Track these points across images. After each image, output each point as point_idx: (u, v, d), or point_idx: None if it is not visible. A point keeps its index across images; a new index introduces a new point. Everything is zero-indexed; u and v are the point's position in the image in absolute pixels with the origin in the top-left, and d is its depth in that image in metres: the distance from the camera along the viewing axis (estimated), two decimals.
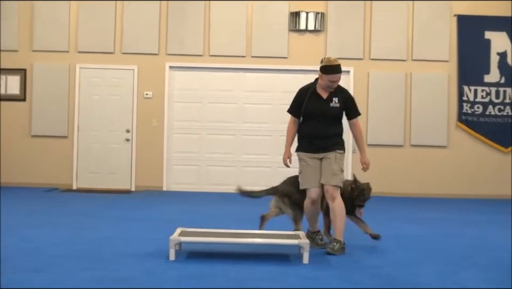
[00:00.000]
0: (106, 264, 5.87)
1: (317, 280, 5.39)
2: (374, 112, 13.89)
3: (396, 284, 5.28)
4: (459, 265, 6.14)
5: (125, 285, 5.02)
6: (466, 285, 5.32)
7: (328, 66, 6.97)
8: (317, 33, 13.90)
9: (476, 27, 13.95)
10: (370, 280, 5.42)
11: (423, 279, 5.49)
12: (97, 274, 5.37)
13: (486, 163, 13.92)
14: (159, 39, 13.89)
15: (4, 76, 13.91)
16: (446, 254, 6.85)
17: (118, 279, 5.23)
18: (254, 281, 5.26)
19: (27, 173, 13.89)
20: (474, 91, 13.92)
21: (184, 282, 5.16)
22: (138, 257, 6.20)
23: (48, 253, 6.35)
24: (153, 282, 5.14)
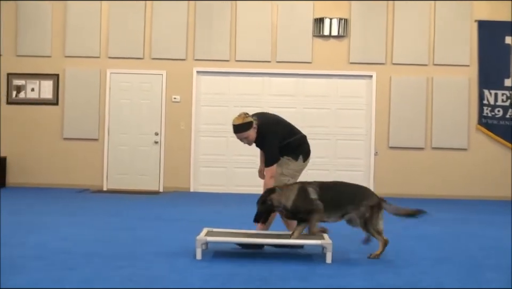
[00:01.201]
0: (137, 262, 5.92)
1: (342, 279, 5.40)
2: (396, 116, 13.85)
3: (419, 284, 5.28)
4: (482, 266, 6.11)
5: (155, 283, 5.07)
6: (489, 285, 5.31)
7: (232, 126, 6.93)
8: (340, 39, 13.89)
9: (496, 32, 13.87)
10: (394, 280, 5.42)
11: (446, 279, 5.48)
12: (128, 272, 5.42)
13: (506, 166, 13.80)
14: (187, 44, 13.95)
15: (37, 81, 14.03)
16: (468, 254, 6.82)
17: (147, 277, 5.28)
18: (280, 280, 5.29)
19: (59, 174, 13.98)
20: (494, 95, 13.84)
21: (211, 281, 5.19)
22: (166, 256, 6.25)
23: (81, 252, 6.41)
24: (181, 281, 5.17)
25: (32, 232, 7.69)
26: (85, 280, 5.09)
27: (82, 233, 7.76)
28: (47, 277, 5.17)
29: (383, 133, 13.91)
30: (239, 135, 6.87)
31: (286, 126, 7.18)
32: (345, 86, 14.01)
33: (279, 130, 6.99)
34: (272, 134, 6.88)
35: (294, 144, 7.01)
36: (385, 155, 13.90)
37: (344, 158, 14.00)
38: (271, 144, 6.86)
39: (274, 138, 6.87)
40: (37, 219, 8.95)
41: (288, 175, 6.93)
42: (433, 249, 7.13)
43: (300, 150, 7.05)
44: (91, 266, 5.67)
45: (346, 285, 5.19)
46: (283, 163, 6.94)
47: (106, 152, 14.04)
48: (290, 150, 6.97)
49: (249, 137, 6.84)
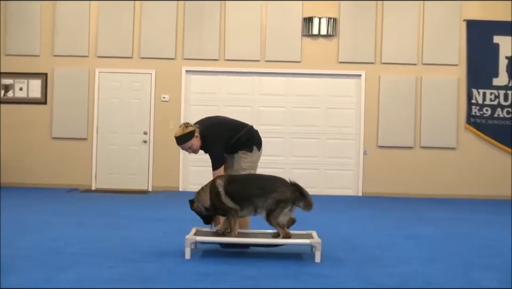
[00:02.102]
0: (127, 262, 5.94)
1: (332, 278, 5.43)
2: (385, 115, 13.89)
3: (410, 283, 5.31)
4: (473, 265, 6.14)
5: (145, 283, 5.09)
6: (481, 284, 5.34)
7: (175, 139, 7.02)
8: (329, 38, 13.91)
9: (485, 32, 13.92)
10: (384, 279, 5.45)
11: (437, 278, 5.52)
12: (119, 272, 5.44)
13: (494, 165, 13.88)
14: (176, 44, 13.95)
15: (26, 80, 14.00)
16: (459, 254, 6.84)
17: (137, 277, 5.30)
18: (270, 279, 5.31)
19: (48, 174, 13.96)
20: (483, 94, 13.90)
21: (200, 281, 5.21)
22: (156, 256, 6.26)
23: (71, 252, 6.43)
24: (171, 281, 5.20)
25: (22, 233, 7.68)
26: (75, 280, 5.10)
27: (72, 233, 7.76)
28: (38, 277, 5.19)
29: (372, 132, 13.95)
30: (182, 146, 6.97)
31: (230, 125, 7.26)
32: (335, 85, 14.03)
33: (223, 131, 7.07)
34: (216, 137, 6.98)
35: (244, 138, 7.07)
36: (374, 155, 13.95)
37: (333, 157, 14.04)
38: (215, 147, 6.99)
39: (219, 141, 6.97)
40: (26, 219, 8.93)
41: (247, 168, 7.02)
42: (424, 249, 7.15)
43: (251, 142, 7.10)
44: (82, 266, 5.68)
45: (336, 284, 5.22)
46: (240, 158, 7.03)
47: (95, 152, 14.02)
48: (242, 144, 7.06)
49: (193, 146, 6.97)
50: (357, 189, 13.99)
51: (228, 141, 6.98)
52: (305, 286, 5.10)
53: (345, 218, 9.88)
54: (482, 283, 5.34)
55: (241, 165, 7.01)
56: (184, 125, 6.97)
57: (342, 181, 14.05)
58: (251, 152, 7.05)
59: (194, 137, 6.86)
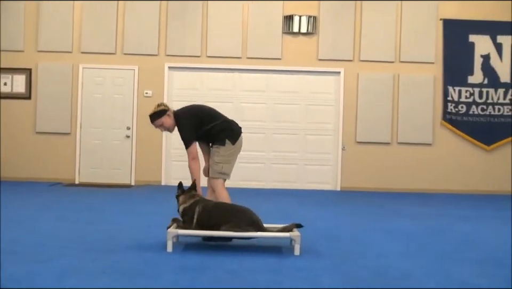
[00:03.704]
0: (109, 255, 5.91)
1: (310, 271, 5.43)
2: (363, 111, 13.94)
3: (386, 275, 5.34)
4: (449, 259, 6.16)
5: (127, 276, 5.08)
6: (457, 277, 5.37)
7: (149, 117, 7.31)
8: (309, 36, 13.94)
9: (460, 31, 13.99)
10: (361, 272, 5.47)
11: (413, 271, 5.54)
12: (102, 265, 5.42)
13: (469, 160, 13.99)
14: (159, 40, 13.91)
15: (10, 75, 13.92)
16: (435, 247, 6.87)
17: (120, 270, 5.29)
18: (249, 272, 5.30)
19: (32, 168, 13.90)
20: (458, 91, 13.98)
21: (182, 274, 5.20)
22: (138, 249, 6.25)
23: (54, 245, 6.38)
24: (152, 274, 5.19)
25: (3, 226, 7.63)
26: (59, 273, 5.08)
27: (54, 226, 7.72)
28: (20, 270, 5.15)
29: (351, 128, 13.99)
30: (154, 123, 7.21)
31: (209, 112, 7.39)
32: (314, 82, 14.05)
33: (196, 114, 7.26)
34: (186, 118, 7.15)
35: (219, 128, 7.15)
36: (353, 150, 13.99)
37: (313, 152, 14.07)
38: (184, 128, 7.09)
39: (188, 122, 7.11)
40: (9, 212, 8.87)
41: (221, 162, 7.07)
42: (401, 242, 7.19)
43: (224, 135, 7.13)
44: (65, 259, 5.65)
45: (315, 276, 5.23)
46: (213, 153, 7.12)
47: (78, 146, 13.97)
48: (214, 137, 7.17)
49: (164, 124, 7.16)
50: (335, 184, 14.03)
51: (201, 126, 7.11)
52: (285, 279, 5.11)
53: (323, 213, 9.90)
54: (457, 276, 5.37)
55: (214, 159, 7.09)
56: (157, 104, 7.29)
57: (321, 176, 14.08)
58: (223, 145, 7.08)
59: (165, 115, 7.11)
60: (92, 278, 4.95)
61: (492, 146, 13.96)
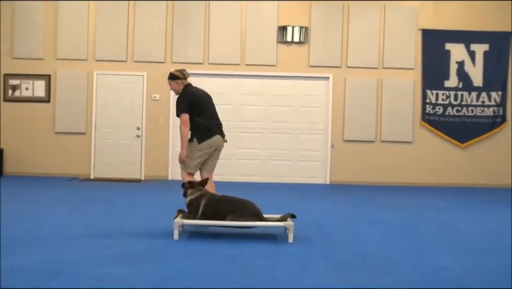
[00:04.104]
0: (122, 243, 5.93)
1: (303, 257, 5.46)
2: (350, 113, 13.92)
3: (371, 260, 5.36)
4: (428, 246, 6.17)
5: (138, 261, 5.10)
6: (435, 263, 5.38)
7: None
8: (301, 45, 13.92)
9: (437, 40, 13.99)
10: (347, 257, 5.50)
11: (395, 257, 5.56)
12: (115, 252, 5.44)
13: (445, 157, 13.98)
14: (165, 49, 13.88)
15: (31, 81, 13.90)
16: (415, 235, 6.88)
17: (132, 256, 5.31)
18: (246, 258, 5.33)
19: (51, 164, 13.87)
20: (436, 94, 13.97)
21: (187, 259, 5.23)
22: (148, 237, 6.27)
23: (71, 234, 6.40)
24: (161, 259, 5.21)
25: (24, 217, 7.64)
26: (76, 259, 5.09)
27: (71, 217, 7.73)
28: (40, 257, 5.16)
29: (339, 128, 13.98)
30: (168, 81, 7.59)
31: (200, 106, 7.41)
32: (306, 86, 14.04)
33: (191, 101, 7.32)
34: (184, 97, 7.33)
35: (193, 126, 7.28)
36: (341, 148, 13.98)
37: (305, 150, 14.06)
38: (180, 101, 7.33)
39: (183, 101, 7.29)
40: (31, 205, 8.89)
41: (191, 157, 7.24)
42: (384, 231, 7.19)
43: (195, 133, 7.30)
44: (81, 247, 5.67)
45: (307, 261, 5.25)
46: (190, 146, 7.27)
47: (93, 145, 13.94)
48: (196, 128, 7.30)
49: (171, 86, 7.55)
50: (325, 178, 14.02)
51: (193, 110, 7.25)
52: (279, 264, 5.12)
53: (314, 204, 9.90)
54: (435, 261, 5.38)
55: (188, 152, 7.28)
56: (181, 69, 7.60)
57: (311, 171, 14.07)
58: (191, 142, 7.26)
59: (176, 81, 7.46)
60: (106, 264, 4.97)
61: (466, 143, 13.96)
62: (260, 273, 4.79)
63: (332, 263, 5.20)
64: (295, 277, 4.69)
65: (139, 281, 4.41)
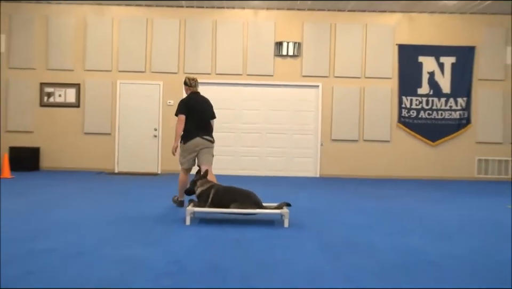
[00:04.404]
0: (141, 227, 5.92)
1: (297, 239, 5.45)
2: (336, 116, 13.90)
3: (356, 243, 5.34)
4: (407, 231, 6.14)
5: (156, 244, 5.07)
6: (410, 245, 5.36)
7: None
8: (295, 58, 13.90)
9: (411, 53, 13.98)
10: (334, 239, 5.49)
11: (376, 240, 5.54)
12: (136, 236, 5.42)
13: (418, 153, 13.99)
14: (178, 62, 13.86)
15: (63, 89, 13.90)
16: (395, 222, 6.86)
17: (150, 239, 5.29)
18: (249, 240, 5.32)
19: (81, 160, 13.89)
20: (410, 100, 13.95)
21: (197, 242, 5.21)
22: (163, 223, 6.25)
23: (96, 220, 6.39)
24: (175, 242, 5.18)
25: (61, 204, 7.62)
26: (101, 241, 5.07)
27: (96, 205, 7.72)
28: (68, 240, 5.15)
29: (327, 129, 13.96)
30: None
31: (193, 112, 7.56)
32: (299, 93, 14.02)
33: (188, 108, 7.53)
34: (183, 101, 7.63)
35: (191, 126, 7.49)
36: (329, 146, 13.96)
37: (298, 148, 14.04)
38: (179, 105, 7.61)
39: (182, 104, 7.58)
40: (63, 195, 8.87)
41: (180, 154, 7.57)
42: (367, 218, 7.17)
43: (184, 135, 7.50)
44: (105, 231, 5.66)
45: (300, 243, 5.23)
46: (180, 146, 7.58)
47: (117, 143, 13.93)
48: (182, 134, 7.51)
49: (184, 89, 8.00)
50: (315, 172, 14.00)
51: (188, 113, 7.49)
52: (277, 245, 5.10)
53: (306, 194, 9.89)
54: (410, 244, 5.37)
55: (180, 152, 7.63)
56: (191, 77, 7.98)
57: (304, 166, 14.06)
58: (180, 142, 7.52)
59: (185, 86, 7.93)
60: (127, 246, 4.94)
61: (436, 142, 13.94)
62: (260, 253, 4.78)
63: (321, 245, 5.17)
64: (290, 256, 4.67)
65: (155, 261, 4.38)
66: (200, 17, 13.91)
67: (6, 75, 13.89)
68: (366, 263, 4.50)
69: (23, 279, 3.75)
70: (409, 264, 4.51)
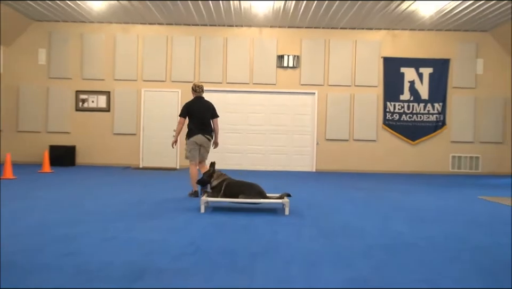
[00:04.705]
0: (161, 215, 5.92)
1: (296, 224, 5.45)
2: (330, 119, 13.90)
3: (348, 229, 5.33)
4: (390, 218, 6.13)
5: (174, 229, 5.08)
6: (394, 230, 5.35)
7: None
8: (294, 69, 13.90)
9: (395, 65, 13.97)
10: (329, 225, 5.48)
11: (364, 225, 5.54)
12: (156, 224, 5.43)
13: (400, 151, 13.98)
14: (194, 72, 13.89)
15: (96, 96, 13.96)
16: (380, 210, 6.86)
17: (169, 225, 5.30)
18: (255, 226, 5.32)
19: (110, 157, 13.95)
20: (393, 105, 13.94)
21: (210, 226, 5.22)
22: (181, 211, 6.25)
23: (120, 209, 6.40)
24: (191, 227, 5.19)
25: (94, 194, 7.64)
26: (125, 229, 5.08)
27: (125, 195, 7.72)
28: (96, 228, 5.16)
29: (322, 130, 13.97)
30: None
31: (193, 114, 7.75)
32: (297, 100, 14.03)
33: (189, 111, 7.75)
34: (186, 104, 7.85)
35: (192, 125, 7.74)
36: (323, 145, 13.97)
37: (297, 146, 14.06)
38: (182, 107, 7.87)
39: (184, 107, 7.82)
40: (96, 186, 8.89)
41: (186, 149, 7.79)
42: (356, 207, 7.16)
43: (188, 132, 7.80)
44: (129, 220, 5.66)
45: (299, 228, 5.23)
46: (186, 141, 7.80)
47: (141, 142, 13.98)
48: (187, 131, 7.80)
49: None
50: (311, 167, 14.00)
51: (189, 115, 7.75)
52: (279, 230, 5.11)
53: (304, 186, 9.89)
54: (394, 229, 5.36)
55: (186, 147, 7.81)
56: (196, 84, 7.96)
57: (302, 162, 14.06)
58: (185, 139, 7.79)
59: (192, 91, 8.00)
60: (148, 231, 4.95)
61: (416, 141, 13.93)
62: (264, 236, 4.78)
63: (317, 230, 5.17)
64: (290, 239, 4.67)
65: (175, 243, 4.38)
66: (212, 34, 13.93)
67: (46, 84, 13.96)
68: (355, 244, 4.50)
69: (65, 259, 3.77)
70: (392, 245, 4.51)
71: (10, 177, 9.77)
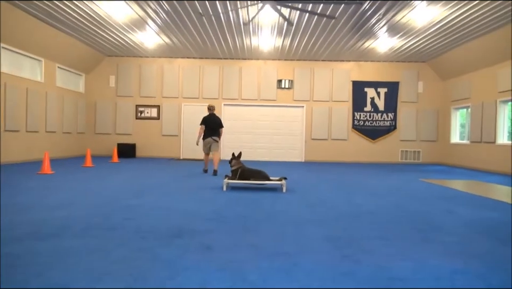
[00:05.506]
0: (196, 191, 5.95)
1: (290, 199, 5.46)
2: (314, 125, 13.87)
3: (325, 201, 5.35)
4: (354, 193, 6.14)
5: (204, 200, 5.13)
6: (355, 202, 5.36)
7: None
8: (289, 89, 13.89)
9: (360, 85, 13.92)
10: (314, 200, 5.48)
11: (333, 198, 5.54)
12: (191, 197, 5.47)
13: (364, 147, 13.93)
14: (219, 91, 13.93)
15: (149, 108, 14.02)
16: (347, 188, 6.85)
17: (201, 197, 5.34)
18: (261, 200, 5.35)
19: (160, 151, 13.99)
20: (359, 114, 13.89)
21: (229, 200, 5.25)
22: (209, 189, 6.26)
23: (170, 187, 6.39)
24: (216, 199, 5.23)
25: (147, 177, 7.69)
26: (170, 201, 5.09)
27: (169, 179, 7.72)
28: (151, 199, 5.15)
29: (309, 132, 13.96)
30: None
31: (208, 123, 8.47)
32: (291, 111, 14.02)
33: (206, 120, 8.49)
34: (203, 118, 8.54)
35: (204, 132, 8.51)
36: (310, 143, 13.97)
37: (291, 144, 14.01)
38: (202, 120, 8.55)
39: (202, 119, 8.53)
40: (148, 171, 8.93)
41: (202, 146, 8.40)
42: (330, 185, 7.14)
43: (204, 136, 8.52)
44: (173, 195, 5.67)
45: (291, 201, 5.26)
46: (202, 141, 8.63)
47: (182, 141, 14.03)
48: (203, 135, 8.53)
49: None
50: (301, 158, 14.00)
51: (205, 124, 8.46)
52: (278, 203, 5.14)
53: (296, 172, 9.90)
54: (356, 201, 5.37)
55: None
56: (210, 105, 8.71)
57: (295, 155, 14.06)
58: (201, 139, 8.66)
59: (207, 109, 8.93)
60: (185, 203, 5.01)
61: (375, 140, 13.88)
62: (267, 207, 4.81)
63: (305, 202, 5.21)
64: (285, 208, 4.71)
65: (204, 212, 4.41)
66: (231, 65, 13.94)
67: (115, 100, 14.07)
68: (329, 212, 4.54)
69: (123, 223, 3.77)
70: (355, 213, 4.55)
71: (89, 165, 9.89)
